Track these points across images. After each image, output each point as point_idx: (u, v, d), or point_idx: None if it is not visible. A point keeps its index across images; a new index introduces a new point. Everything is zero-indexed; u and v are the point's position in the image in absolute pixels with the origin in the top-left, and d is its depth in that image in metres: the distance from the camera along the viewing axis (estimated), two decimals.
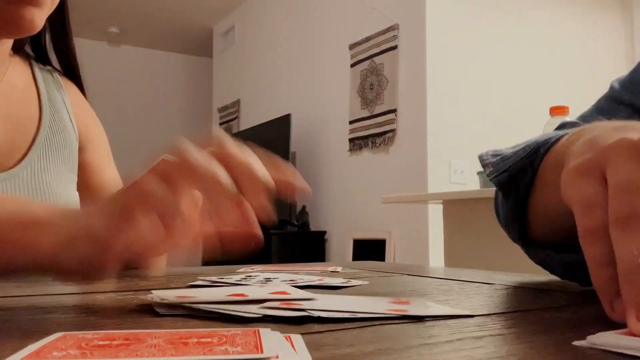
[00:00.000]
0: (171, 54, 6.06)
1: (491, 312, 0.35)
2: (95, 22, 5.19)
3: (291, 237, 3.71)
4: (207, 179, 0.37)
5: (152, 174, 0.38)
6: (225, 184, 0.37)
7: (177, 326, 0.30)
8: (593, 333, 0.29)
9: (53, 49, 0.83)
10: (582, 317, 0.34)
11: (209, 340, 0.24)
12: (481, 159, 0.57)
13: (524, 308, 0.37)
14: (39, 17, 0.66)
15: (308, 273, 0.60)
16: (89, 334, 0.25)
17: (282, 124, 3.84)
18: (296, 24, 4.26)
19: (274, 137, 3.91)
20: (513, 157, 0.53)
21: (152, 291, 0.38)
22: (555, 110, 1.76)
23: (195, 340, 0.24)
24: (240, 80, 5.06)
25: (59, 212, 0.41)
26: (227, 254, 0.41)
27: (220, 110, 5.40)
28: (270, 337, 0.25)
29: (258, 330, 0.26)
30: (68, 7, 0.83)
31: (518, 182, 0.53)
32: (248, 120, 4.83)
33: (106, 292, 0.45)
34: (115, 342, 0.23)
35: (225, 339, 0.24)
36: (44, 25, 0.79)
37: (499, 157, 0.55)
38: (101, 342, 0.23)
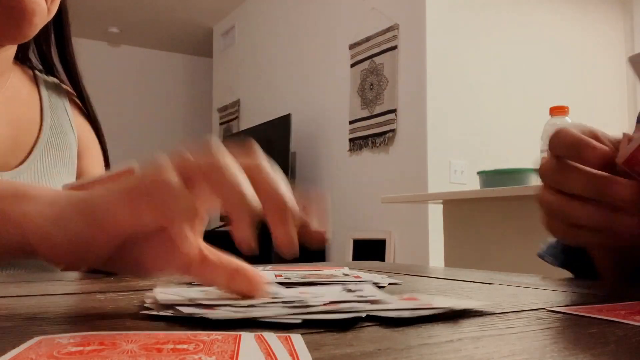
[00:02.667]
0: (171, 54, 6.06)
1: (491, 312, 0.35)
2: (95, 22, 5.19)
3: None
4: (232, 189, 0.33)
5: (169, 166, 0.33)
6: (250, 198, 0.33)
7: (172, 328, 0.30)
8: (593, 332, 0.29)
9: (58, 58, 0.85)
10: (581, 316, 0.34)
11: (185, 347, 0.23)
12: (541, 256, 0.65)
13: (523, 308, 0.37)
14: (29, 30, 0.67)
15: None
16: (65, 338, 0.25)
17: (282, 124, 3.84)
18: (296, 24, 4.26)
19: (274, 137, 3.91)
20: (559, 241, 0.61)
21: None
22: (555, 110, 1.76)
23: (171, 346, 0.23)
24: (240, 80, 5.06)
25: (53, 191, 0.37)
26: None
27: (220, 110, 5.40)
28: (250, 345, 0.24)
29: (239, 336, 0.25)
30: (68, 16, 0.85)
31: (574, 257, 0.60)
32: (248, 120, 4.83)
33: (106, 292, 0.45)
34: (88, 348, 0.23)
35: (202, 346, 0.23)
36: (49, 36, 0.82)
37: (550, 246, 0.63)
38: (74, 349, 0.23)
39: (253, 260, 0.72)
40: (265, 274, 0.53)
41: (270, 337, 0.26)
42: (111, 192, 0.33)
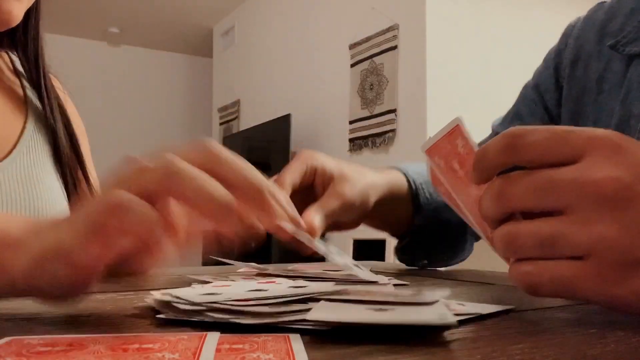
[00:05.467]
0: (171, 54, 6.06)
1: (491, 313, 0.35)
2: (95, 22, 5.19)
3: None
4: (196, 193, 0.32)
5: (126, 186, 0.33)
6: (218, 196, 0.32)
7: (172, 328, 0.30)
8: (593, 332, 0.29)
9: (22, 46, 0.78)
10: (581, 316, 0.34)
11: (150, 346, 0.23)
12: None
13: (523, 308, 0.37)
14: (18, 9, 0.65)
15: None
16: (35, 339, 0.25)
17: (282, 124, 3.83)
18: (296, 24, 4.26)
19: (274, 137, 3.91)
20: None
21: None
22: None
23: (137, 346, 0.24)
24: (240, 80, 5.06)
25: (31, 228, 0.37)
26: (227, 252, 0.38)
27: (220, 110, 5.40)
28: (214, 343, 0.24)
29: (205, 335, 0.25)
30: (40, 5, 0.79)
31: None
32: (248, 120, 4.83)
33: (106, 292, 0.45)
34: (56, 349, 0.23)
35: (167, 345, 0.24)
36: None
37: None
38: (42, 349, 0.23)
39: (253, 260, 0.72)
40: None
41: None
42: (78, 231, 0.33)
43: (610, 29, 0.66)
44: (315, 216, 0.55)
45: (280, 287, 0.38)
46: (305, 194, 0.57)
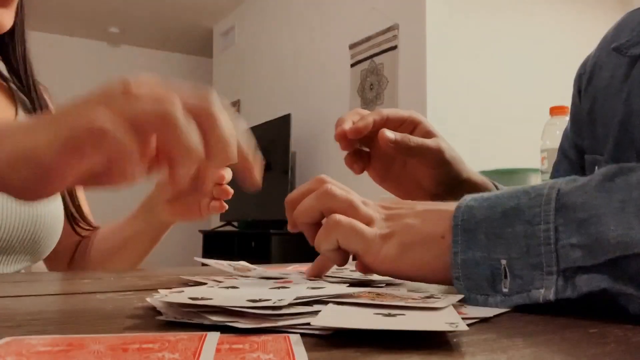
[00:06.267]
0: (171, 54, 6.06)
1: (492, 314, 0.35)
2: (95, 22, 5.19)
3: (291, 237, 3.71)
4: (181, 142, 0.34)
5: (115, 108, 0.35)
6: (197, 152, 0.35)
7: (174, 329, 0.30)
8: (593, 332, 0.29)
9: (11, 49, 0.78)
10: (581, 316, 0.34)
11: (150, 346, 0.23)
12: None
13: (523, 309, 0.37)
14: (8, 17, 0.66)
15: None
16: (35, 339, 0.25)
17: (282, 124, 3.83)
18: (296, 24, 4.26)
19: (274, 137, 3.91)
20: None
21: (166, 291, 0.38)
22: (555, 110, 1.76)
23: (137, 346, 0.24)
24: (240, 80, 5.06)
25: (5, 128, 0.38)
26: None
27: None
28: (214, 343, 0.24)
29: (205, 335, 0.25)
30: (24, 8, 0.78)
31: None
32: (248, 120, 4.83)
33: (106, 292, 0.45)
34: (56, 349, 0.23)
35: (167, 345, 0.24)
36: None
37: None
38: (42, 349, 0.23)
39: (253, 259, 0.71)
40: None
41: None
42: (55, 142, 0.34)
43: (619, 41, 0.68)
44: (390, 132, 0.59)
45: (298, 287, 0.38)
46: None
